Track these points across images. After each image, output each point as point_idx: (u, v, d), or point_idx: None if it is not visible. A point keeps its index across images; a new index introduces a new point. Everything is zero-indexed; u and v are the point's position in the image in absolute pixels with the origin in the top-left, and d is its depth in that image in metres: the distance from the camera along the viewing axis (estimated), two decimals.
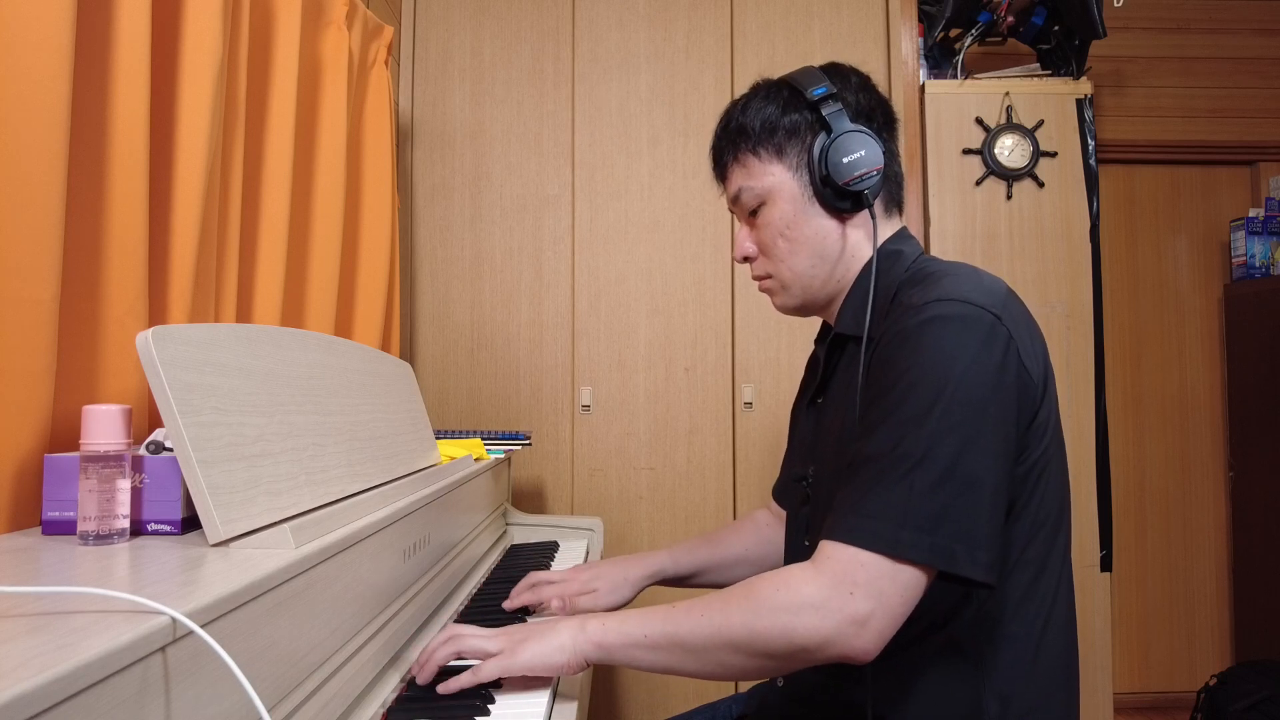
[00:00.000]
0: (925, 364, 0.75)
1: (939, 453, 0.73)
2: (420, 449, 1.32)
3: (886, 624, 0.72)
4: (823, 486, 0.94)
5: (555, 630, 0.83)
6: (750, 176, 0.95)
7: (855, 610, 0.72)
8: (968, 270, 0.85)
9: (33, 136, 0.80)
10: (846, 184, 0.89)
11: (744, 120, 0.95)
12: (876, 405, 0.78)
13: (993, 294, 0.79)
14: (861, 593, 0.72)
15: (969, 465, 0.73)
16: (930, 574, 0.74)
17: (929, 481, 0.72)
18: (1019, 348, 0.78)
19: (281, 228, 1.31)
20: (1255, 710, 2.15)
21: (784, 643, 0.74)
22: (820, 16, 2.30)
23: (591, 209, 2.26)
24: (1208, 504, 2.82)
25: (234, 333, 0.83)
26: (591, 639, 0.81)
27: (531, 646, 0.82)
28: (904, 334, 0.78)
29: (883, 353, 0.80)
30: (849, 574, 0.73)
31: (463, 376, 2.23)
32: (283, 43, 1.32)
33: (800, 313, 1.00)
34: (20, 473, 0.79)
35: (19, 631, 0.46)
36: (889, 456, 0.74)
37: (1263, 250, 2.70)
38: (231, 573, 0.61)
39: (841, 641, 0.72)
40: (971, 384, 0.74)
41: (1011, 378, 0.77)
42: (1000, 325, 0.77)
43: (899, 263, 0.92)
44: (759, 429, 2.23)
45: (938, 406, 0.73)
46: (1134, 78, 2.79)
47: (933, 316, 0.77)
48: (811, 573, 0.75)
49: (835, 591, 0.72)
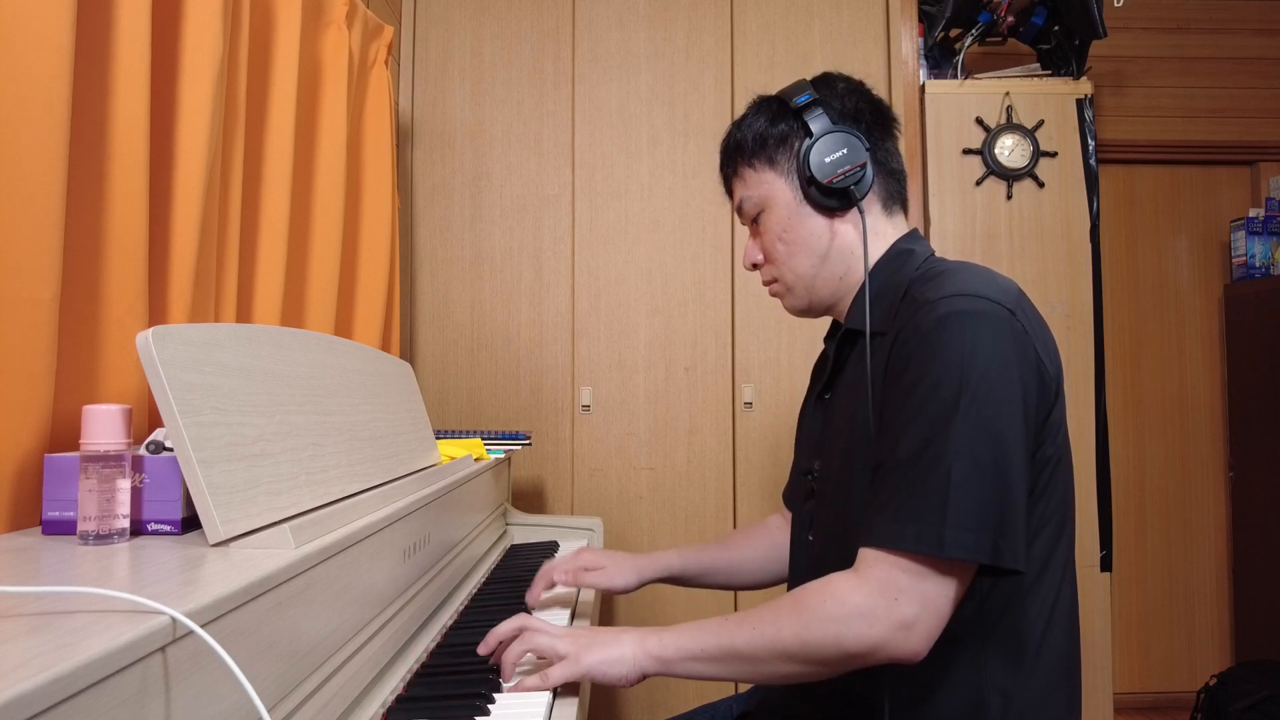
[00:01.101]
0: (946, 361, 0.76)
1: (970, 449, 0.74)
2: (420, 449, 1.32)
3: (934, 625, 0.74)
4: (829, 481, 0.95)
5: (619, 640, 0.85)
6: (748, 187, 1.00)
7: (902, 615, 0.74)
8: (980, 269, 0.86)
9: (33, 136, 0.79)
10: (830, 182, 0.92)
11: (740, 136, 1.01)
12: (901, 405, 0.79)
13: (1006, 291, 0.81)
14: (906, 597, 0.74)
15: (1000, 458, 0.74)
16: (972, 569, 0.76)
17: (964, 478, 0.73)
18: (1035, 340, 0.79)
19: (281, 228, 1.31)
20: (1255, 710, 2.15)
21: (835, 651, 0.76)
22: (820, 16, 2.30)
23: (591, 209, 2.26)
24: (1208, 504, 2.82)
25: (234, 333, 0.83)
26: (651, 653, 0.83)
27: (597, 653, 0.84)
28: (921, 331, 0.79)
29: (901, 350, 0.81)
30: (893, 580, 0.74)
31: (463, 376, 2.23)
32: (283, 43, 1.32)
33: (809, 313, 1.02)
34: (20, 473, 0.79)
35: (19, 631, 0.46)
36: (921, 457, 0.75)
37: (1263, 250, 2.70)
38: (231, 573, 0.61)
39: (891, 646, 0.74)
40: (994, 378, 0.75)
41: (1031, 371, 0.78)
42: (1015, 320, 0.78)
43: (910, 261, 0.93)
44: (759, 429, 2.23)
45: (963, 402, 0.74)
46: (1134, 78, 2.79)
47: (949, 312, 0.78)
48: (856, 581, 0.76)
49: (881, 598, 0.74)
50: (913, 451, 0.76)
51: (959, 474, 0.73)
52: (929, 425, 0.75)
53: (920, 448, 0.75)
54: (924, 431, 0.76)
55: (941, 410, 0.75)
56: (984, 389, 0.75)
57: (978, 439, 0.74)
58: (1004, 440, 0.74)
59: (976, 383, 0.75)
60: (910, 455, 0.76)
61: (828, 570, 0.82)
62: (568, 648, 0.85)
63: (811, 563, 0.97)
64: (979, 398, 0.74)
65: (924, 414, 0.76)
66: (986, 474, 0.73)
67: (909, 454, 0.76)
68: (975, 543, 0.72)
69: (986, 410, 0.74)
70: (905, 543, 0.74)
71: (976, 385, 0.75)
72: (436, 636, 1.03)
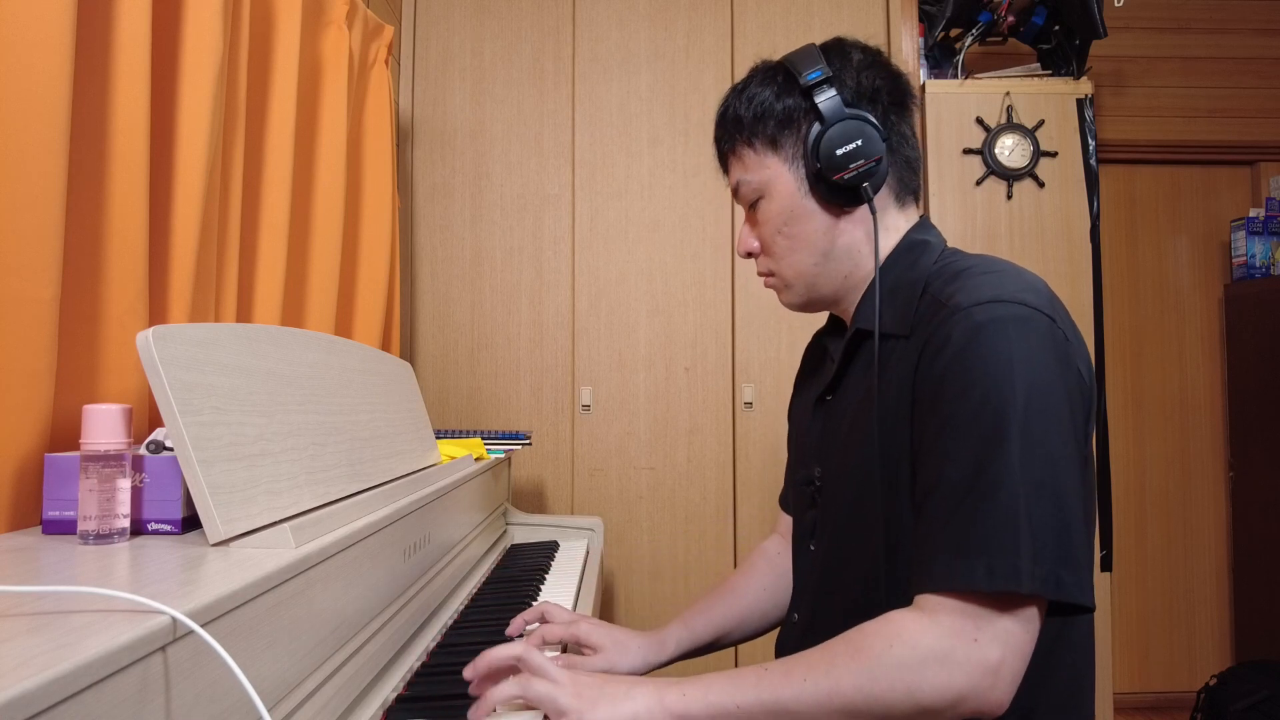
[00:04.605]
0: (991, 375, 0.69)
1: (1029, 471, 0.66)
2: (420, 449, 1.32)
3: (1018, 667, 0.66)
4: (832, 489, 0.89)
5: (630, 696, 0.72)
6: (747, 169, 0.90)
7: (985, 658, 0.64)
8: (1007, 266, 0.79)
9: (33, 136, 0.79)
10: (841, 177, 0.83)
11: (739, 108, 0.90)
12: (943, 426, 0.71)
13: (1040, 294, 0.74)
14: (987, 637, 0.65)
15: (1059, 480, 0.67)
16: (1044, 605, 0.68)
17: (1026, 505, 0.66)
18: (1073, 350, 0.73)
19: (282, 227, 1.31)
20: (1255, 710, 2.16)
21: (908, 705, 0.66)
22: (820, 16, 2.30)
23: (592, 208, 2.26)
24: (1208, 504, 2.82)
25: (234, 332, 0.83)
26: (671, 710, 0.71)
27: (604, 711, 0.71)
28: (958, 344, 0.72)
29: (936, 364, 0.73)
30: (969, 618, 0.66)
31: (463, 376, 2.23)
32: (283, 42, 1.32)
33: (807, 309, 0.95)
34: (20, 472, 0.79)
35: (19, 631, 0.46)
36: (976, 484, 0.67)
37: (1263, 250, 2.70)
38: (232, 572, 0.61)
39: (977, 696, 0.64)
40: (1044, 392, 0.68)
41: (1074, 380, 0.72)
42: (1056, 327, 0.72)
43: (927, 253, 0.85)
44: (759, 429, 2.23)
45: (1015, 420, 0.67)
46: (1134, 78, 2.79)
47: (986, 320, 0.71)
48: (926, 621, 0.67)
49: (959, 640, 0.65)
50: (965, 475, 0.68)
51: (1025, 501, 0.65)
52: (981, 446, 0.67)
53: (973, 471, 0.68)
54: (976, 453, 0.68)
55: (992, 430, 0.67)
56: (1036, 405, 0.67)
57: (1036, 460, 0.66)
58: (1058, 462, 0.67)
59: (1027, 398, 0.67)
60: (963, 480, 0.68)
61: (833, 580, 0.75)
62: (569, 703, 0.71)
63: (815, 572, 0.91)
64: (1032, 414, 0.67)
65: (973, 434, 0.68)
66: (1049, 499, 0.66)
67: (961, 481, 0.68)
68: (1046, 576, 0.64)
69: (1041, 429, 0.67)
70: (976, 578, 0.65)
71: (1028, 401, 0.67)
72: (436, 636, 1.03)
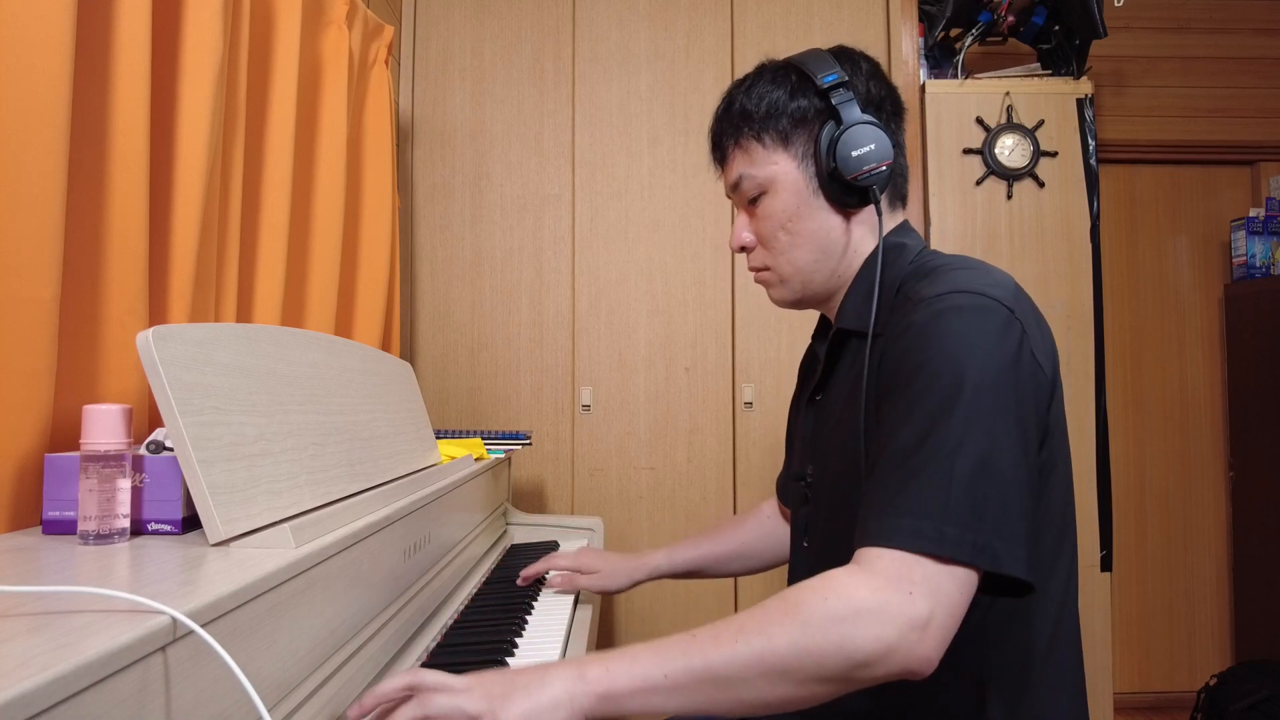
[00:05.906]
0: (945, 353, 0.72)
1: (971, 443, 0.68)
2: (420, 449, 1.32)
3: (948, 626, 0.66)
4: (822, 486, 0.91)
5: (546, 681, 0.67)
6: (752, 164, 0.91)
7: (916, 612, 0.64)
8: (976, 264, 0.82)
9: (33, 136, 0.79)
10: (855, 179, 0.85)
11: (748, 103, 0.90)
12: (896, 399, 0.74)
13: (1004, 288, 0.77)
14: (920, 591, 0.65)
15: (1000, 457, 0.69)
16: (977, 574, 0.68)
17: (965, 473, 0.68)
18: (1031, 343, 0.75)
19: (282, 227, 1.31)
20: (1255, 710, 2.15)
21: (840, 659, 0.65)
22: (820, 16, 2.30)
23: (592, 209, 2.26)
24: (1208, 504, 2.82)
25: (234, 332, 0.83)
26: (594, 689, 0.67)
27: (518, 704, 0.66)
28: (917, 327, 0.75)
29: (896, 347, 0.77)
30: (903, 573, 0.66)
31: (463, 376, 2.23)
32: (283, 42, 1.32)
33: (797, 306, 0.97)
34: (20, 472, 0.79)
35: (19, 631, 0.46)
36: (919, 450, 0.70)
37: (1263, 250, 2.70)
38: (232, 572, 0.61)
39: (905, 649, 0.64)
40: (994, 372, 0.71)
41: (1029, 368, 0.74)
42: (1014, 319, 0.74)
43: (903, 256, 0.88)
44: (759, 429, 2.23)
45: (964, 395, 0.69)
46: (1134, 78, 2.79)
47: (947, 308, 0.74)
48: (862, 575, 0.67)
49: (894, 592, 0.65)
50: (908, 443, 0.70)
51: (960, 468, 0.67)
52: (927, 417, 0.70)
53: (917, 440, 0.70)
54: (922, 423, 0.70)
55: (940, 402, 0.70)
56: (986, 382, 0.70)
57: (978, 433, 0.69)
58: (1006, 439, 0.70)
59: (977, 376, 0.70)
60: (906, 447, 0.71)
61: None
62: (477, 706, 0.66)
63: (808, 569, 0.92)
64: (981, 391, 0.70)
65: (921, 406, 0.71)
66: (988, 472, 0.68)
67: (904, 446, 0.71)
68: (974, 543, 0.66)
69: (988, 404, 0.69)
70: (904, 539, 0.67)
71: (978, 379, 0.70)
72: (437, 636, 1.03)
